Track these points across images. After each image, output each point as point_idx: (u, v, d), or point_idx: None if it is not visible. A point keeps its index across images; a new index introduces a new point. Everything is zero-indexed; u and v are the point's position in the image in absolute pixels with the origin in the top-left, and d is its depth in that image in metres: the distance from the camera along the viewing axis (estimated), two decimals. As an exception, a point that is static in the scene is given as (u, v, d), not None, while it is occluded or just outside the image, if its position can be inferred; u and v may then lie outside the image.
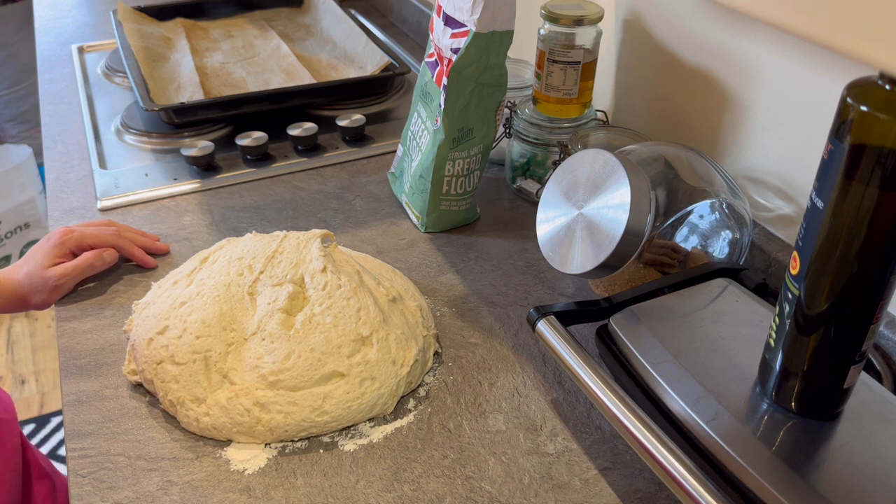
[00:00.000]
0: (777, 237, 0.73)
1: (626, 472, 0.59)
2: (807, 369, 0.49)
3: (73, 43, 1.35)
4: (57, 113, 1.11)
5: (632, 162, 0.61)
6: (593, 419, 0.63)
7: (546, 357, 0.69)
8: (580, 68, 0.84)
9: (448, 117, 0.80)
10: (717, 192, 0.67)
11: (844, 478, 0.47)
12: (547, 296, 0.77)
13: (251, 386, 0.60)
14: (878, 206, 0.41)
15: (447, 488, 0.57)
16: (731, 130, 0.77)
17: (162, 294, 0.68)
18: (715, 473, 0.49)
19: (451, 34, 0.77)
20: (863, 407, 0.52)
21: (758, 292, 0.64)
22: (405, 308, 0.69)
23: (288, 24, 1.39)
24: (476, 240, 0.86)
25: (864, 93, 0.40)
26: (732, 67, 0.75)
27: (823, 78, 0.65)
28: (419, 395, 0.66)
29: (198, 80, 1.11)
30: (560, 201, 0.64)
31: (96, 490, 0.56)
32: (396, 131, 1.07)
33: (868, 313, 0.45)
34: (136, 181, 0.94)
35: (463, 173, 0.83)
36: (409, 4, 1.43)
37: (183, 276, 0.69)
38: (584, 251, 0.61)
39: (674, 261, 0.69)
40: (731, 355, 0.57)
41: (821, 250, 0.45)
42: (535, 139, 0.88)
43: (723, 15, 0.74)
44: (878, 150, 0.40)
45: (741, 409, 0.52)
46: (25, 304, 0.73)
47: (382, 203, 0.92)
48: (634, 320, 0.60)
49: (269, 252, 0.67)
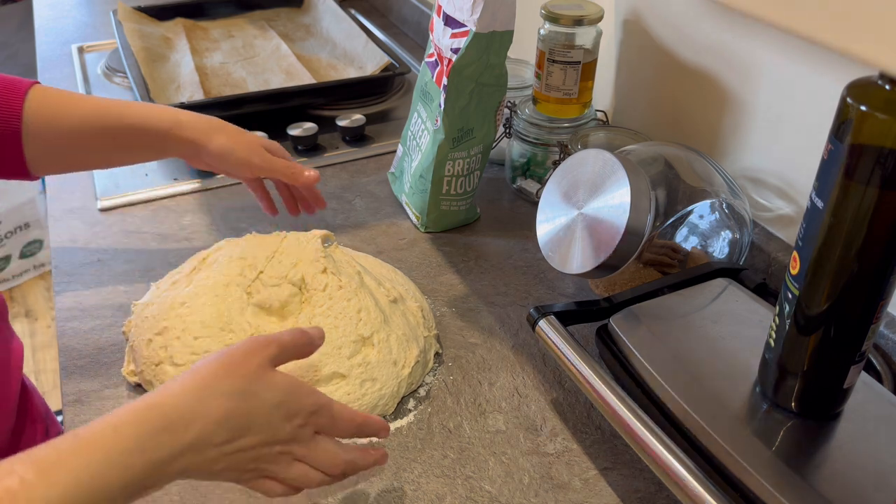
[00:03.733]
0: (777, 237, 0.73)
1: (626, 472, 0.59)
2: (807, 369, 0.49)
3: (73, 43, 1.35)
4: (57, 113, 1.11)
5: (632, 162, 0.61)
6: (593, 419, 0.63)
7: (546, 357, 0.69)
8: (580, 68, 0.84)
9: (448, 117, 0.80)
10: (717, 192, 0.67)
11: (844, 478, 0.47)
12: (547, 296, 0.77)
13: None
14: (878, 206, 0.41)
15: (447, 488, 0.57)
16: (731, 130, 0.77)
17: (161, 295, 0.68)
18: (715, 473, 0.49)
19: (451, 34, 0.77)
20: (863, 407, 0.52)
21: (758, 292, 0.64)
22: (406, 309, 0.69)
23: (288, 24, 1.39)
24: (476, 240, 0.86)
25: (864, 93, 0.40)
26: (732, 67, 0.75)
27: (823, 78, 0.65)
28: (419, 395, 0.66)
29: (198, 80, 1.11)
30: (560, 201, 0.64)
31: (96, 490, 0.56)
32: (396, 131, 1.07)
33: (868, 313, 0.45)
34: (136, 181, 0.94)
35: (463, 173, 0.83)
36: (409, 4, 1.43)
37: (182, 276, 0.69)
38: (584, 251, 0.61)
39: (674, 261, 0.69)
40: (731, 355, 0.57)
41: (821, 250, 0.45)
42: (535, 139, 0.88)
43: (723, 15, 0.74)
44: (877, 150, 0.40)
45: (741, 409, 0.52)
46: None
47: (382, 203, 0.92)
48: (634, 320, 0.60)
49: (269, 252, 0.67)
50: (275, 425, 0.45)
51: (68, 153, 0.69)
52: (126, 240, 0.84)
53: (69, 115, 0.67)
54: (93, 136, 0.69)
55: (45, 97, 0.67)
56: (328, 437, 0.49)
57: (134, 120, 0.69)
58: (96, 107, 0.68)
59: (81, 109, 0.68)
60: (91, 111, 0.68)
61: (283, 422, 0.45)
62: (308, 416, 0.47)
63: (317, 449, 0.47)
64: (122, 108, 0.69)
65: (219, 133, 0.71)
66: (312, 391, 0.48)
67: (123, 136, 0.69)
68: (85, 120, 0.67)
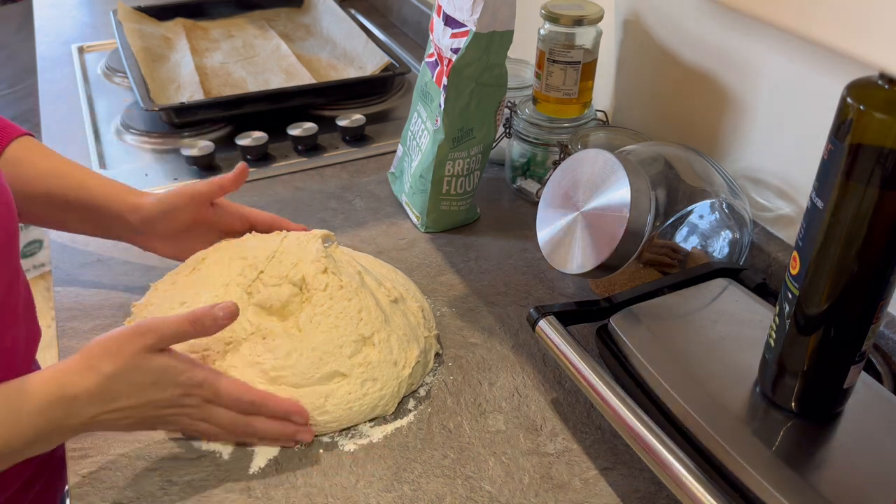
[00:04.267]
0: (777, 237, 0.73)
1: (626, 472, 0.59)
2: (807, 369, 0.49)
3: (73, 43, 1.35)
4: (57, 113, 1.11)
5: (632, 162, 0.61)
6: (593, 419, 0.63)
7: (546, 357, 0.69)
8: (580, 68, 0.84)
9: (448, 117, 0.80)
10: (717, 192, 0.67)
11: (844, 478, 0.47)
12: (547, 296, 0.77)
13: (252, 380, 0.60)
14: (878, 206, 0.41)
15: (447, 488, 0.57)
16: (731, 130, 0.77)
17: (160, 295, 0.68)
18: (715, 473, 0.49)
19: (451, 34, 0.77)
20: (863, 407, 0.52)
21: (758, 292, 0.64)
22: (407, 309, 0.69)
23: (288, 24, 1.39)
24: (476, 240, 0.86)
25: (864, 93, 0.40)
26: (732, 67, 0.75)
27: (823, 78, 0.65)
28: (419, 395, 0.66)
29: (198, 80, 1.11)
30: (560, 201, 0.64)
31: (96, 490, 0.56)
32: (396, 131, 1.07)
33: (868, 313, 0.45)
34: (136, 181, 0.94)
35: (463, 173, 0.83)
36: (409, 4, 1.43)
37: (182, 276, 0.69)
38: (584, 251, 0.61)
39: (674, 261, 0.69)
40: (731, 355, 0.57)
41: (821, 250, 0.45)
42: (535, 139, 0.88)
43: (723, 15, 0.74)
44: (877, 150, 0.40)
45: (741, 409, 0.52)
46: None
47: (382, 203, 0.92)
48: (634, 320, 0.60)
49: (269, 252, 0.67)
50: (149, 395, 0.55)
51: (25, 212, 0.71)
52: (126, 240, 0.84)
53: (35, 183, 0.70)
54: (50, 210, 0.72)
55: (25, 155, 0.70)
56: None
57: (89, 201, 0.71)
58: (60, 184, 0.71)
59: (46, 183, 0.70)
60: (55, 185, 0.70)
61: (158, 393, 0.55)
62: (190, 387, 0.56)
63: (209, 410, 0.57)
64: (80, 192, 0.71)
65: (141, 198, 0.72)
66: (191, 369, 0.56)
67: (79, 214, 0.72)
68: (48, 193, 0.70)
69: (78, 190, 0.70)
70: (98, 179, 0.72)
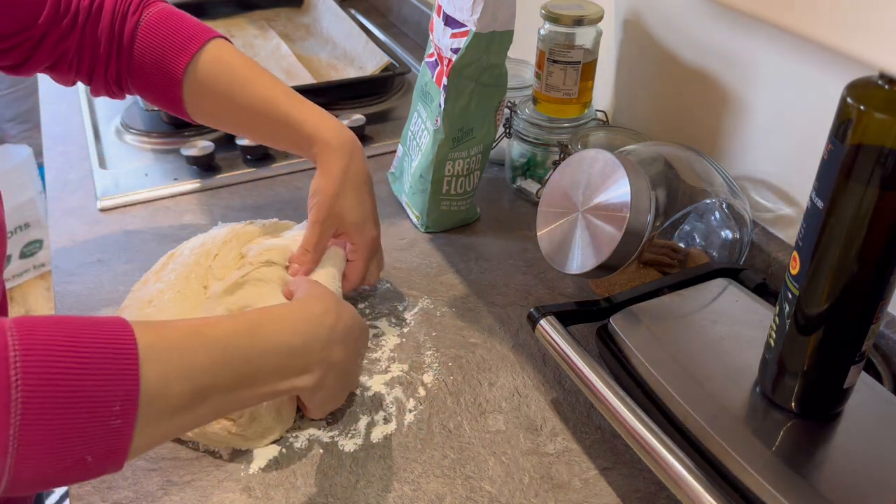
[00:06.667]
0: (777, 237, 0.73)
1: (626, 472, 0.59)
2: (807, 369, 0.49)
3: (73, 43, 1.34)
4: (57, 113, 1.11)
5: (632, 162, 0.61)
6: (593, 419, 0.63)
7: (546, 357, 0.69)
8: (580, 68, 0.84)
9: (448, 117, 0.80)
10: (717, 192, 0.67)
11: (844, 478, 0.47)
12: (547, 296, 0.77)
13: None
14: (877, 206, 0.41)
15: (447, 488, 0.57)
16: (731, 131, 0.77)
17: (133, 296, 0.68)
18: (715, 473, 0.49)
19: (451, 34, 0.77)
20: (863, 407, 0.52)
21: (758, 292, 0.64)
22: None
23: (288, 24, 1.39)
24: (476, 240, 0.86)
25: (864, 93, 0.40)
26: (732, 67, 0.75)
27: (823, 78, 0.65)
28: (419, 395, 0.66)
29: (198, 80, 1.11)
30: (560, 201, 0.64)
31: (96, 490, 0.56)
32: (396, 131, 1.07)
33: (868, 313, 0.45)
34: (136, 181, 0.94)
35: (463, 173, 0.83)
36: (409, 4, 1.43)
37: (152, 274, 0.70)
38: (584, 251, 0.61)
39: (674, 261, 0.69)
40: (731, 355, 0.57)
41: (821, 250, 0.45)
42: (535, 139, 0.88)
43: (723, 15, 0.74)
44: (877, 150, 0.40)
45: (741, 409, 0.52)
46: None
47: (382, 203, 0.92)
48: (634, 320, 0.60)
49: (226, 237, 0.69)
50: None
51: (221, 119, 0.76)
52: (126, 240, 0.84)
53: (236, 93, 0.72)
54: (249, 120, 0.74)
55: (220, 56, 0.72)
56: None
57: (293, 124, 0.74)
58: (263, 98, 0.72)
59: (249, 96, 0.72)
60: (259, 100, 0.72)
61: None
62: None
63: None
64: (290, 109, 0.73)
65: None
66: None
67: (276, 132, 0.75)
68: (251, 107, 0.73)
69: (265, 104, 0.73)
70: (288, 102, 0.74)
